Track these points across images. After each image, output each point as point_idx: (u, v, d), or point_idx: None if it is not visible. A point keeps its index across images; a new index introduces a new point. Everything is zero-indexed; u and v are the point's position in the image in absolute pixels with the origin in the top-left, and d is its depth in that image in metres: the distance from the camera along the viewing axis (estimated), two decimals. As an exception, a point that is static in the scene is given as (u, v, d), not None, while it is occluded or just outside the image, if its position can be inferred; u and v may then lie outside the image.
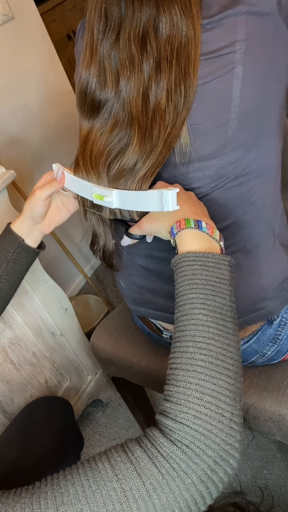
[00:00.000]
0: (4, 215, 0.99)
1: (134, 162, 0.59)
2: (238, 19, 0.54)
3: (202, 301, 0.50)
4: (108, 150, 0.61)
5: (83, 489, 0.41)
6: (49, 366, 1.23)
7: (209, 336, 0.48)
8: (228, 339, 0.48)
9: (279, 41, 0.56)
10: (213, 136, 0.58)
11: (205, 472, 0.42)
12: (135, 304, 0.85)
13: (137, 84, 0.58)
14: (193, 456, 0.42)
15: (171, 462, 0.42)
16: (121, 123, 0.60)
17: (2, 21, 1.46)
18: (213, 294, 0.50)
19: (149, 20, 0.55)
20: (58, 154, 1.82)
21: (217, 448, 0.43)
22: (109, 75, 0.60)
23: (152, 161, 0.59)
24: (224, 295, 0.51)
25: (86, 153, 0.64)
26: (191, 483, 0.41)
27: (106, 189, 0.63)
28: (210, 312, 0.49)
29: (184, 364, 0.47)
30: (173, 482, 0.41)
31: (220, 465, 0.43)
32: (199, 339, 0.48)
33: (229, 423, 0.44)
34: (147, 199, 0.59)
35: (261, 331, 0.75)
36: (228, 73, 0.55)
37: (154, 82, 0.57)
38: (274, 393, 0.78)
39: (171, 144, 0.58)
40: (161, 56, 0.56)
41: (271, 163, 0.64)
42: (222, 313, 0.50)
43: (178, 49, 0.55)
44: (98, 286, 2.04)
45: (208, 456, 0.42)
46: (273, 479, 1.18)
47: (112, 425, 1.47)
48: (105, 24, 0.59)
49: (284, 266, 0.72)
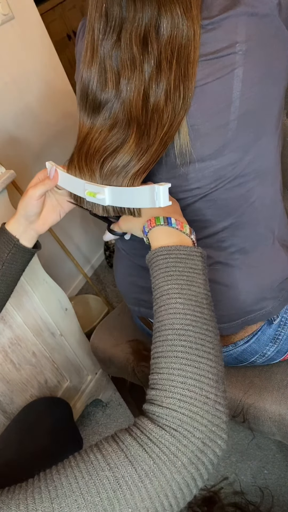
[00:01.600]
0: (4, 215, 0.99)
1: (128, 159, 0.60)
2: (238, 20, 0.54)
3: (177, 291, 0.52)
4: (104, 147, 0.62)
5: (76, 480, 0.42)
6: (49, 366, 1.23)
7: (187, 323, 0.49)
8: (206, 325, 0.50)
9: (279, 43, 0.56)
10: (213, 137, 0.58)
11: (195, 453, 0.43)
12: (135, 304, 0.85)
13: (138, 84, 0.58)
14: (181, 439, 0.43)
15: (161, 446, 0.43)
16: (120, 122, 0.61)
17: (2, 21, 1.46)
18: (188, 284, 0.52)
19: (150, 20, 0.55)
20: (58, 154, 1.82)
21: (204, 430, 0.44)
22: (110, 75, 0.60)
23: (147, 158, 0.59)
24: (198, 284, 0.53)
25: (82, 151, 0.64)
26: (181, 465, 0.42)
27: (99, 186, 0.62)
28: (186, 301, 0.51)
29: (165, 352, 0.48)
30: (164, 466, 0.42)
31: (209, 446, 0.44)
32: (177, 326, 0.49)
33: (214, 405, 0.45)
34: (139, 196, 0.60)
35: (261, 331, 0.75)
36: (228, 74, 0.55)
37: (155, 83, 0.57)
38: (274, 393, 0.78)
39: (166, 143, 0.59)
40: (162, 56, 0.56)
41: (270, 164, 0.64)
42: (197, 301, 0.51)
43: (179, 50, 0.55)
44: (98, 286, 2.04)
45: (196, 437, 0.43)
46: (273, 479, 1.18)
47: (112, 425, 1.47)
48: (106, 24, 0.59)
49: (284, 266, 0.72)
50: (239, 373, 0.83)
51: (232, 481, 1.20)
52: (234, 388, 0.82)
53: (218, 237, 0.68)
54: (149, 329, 0.89)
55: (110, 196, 0.62)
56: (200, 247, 0.57)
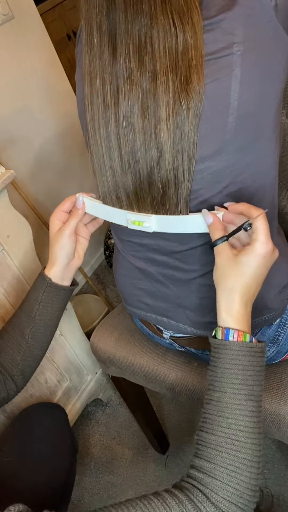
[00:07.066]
0: (4, 215, 0.99)
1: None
2: (236, 21, 0.54)
3: (244, 389, 0.54)
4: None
5: None
6: (49, 366, 1.23)
7: (252, 423, 0.53)
8: (260, 422, 0.54)
9: (276, 44, 0.56)
10: (211, 138, 0.58)
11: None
12: (135, 306, 0.85)
13: (136, 99, 0.58)
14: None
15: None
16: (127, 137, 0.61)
17: (2, 21, 1.46)
18: (253, 382, 0.55)
19: (145, 31, 0.55)
20: (58, 154, 1.82)
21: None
22: (111, 91, 0.60)
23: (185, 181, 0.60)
24: (260, 382, 0.55)
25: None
26: None
27: (144, 215, 0.65)
28: (249, 397, 0.54)
29: (230, 450, 0.52)
30: None
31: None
32: (242, 423, 0.53)
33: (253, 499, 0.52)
34: (188, 222, 0.62)
35: (261, 332, 0.75)
36: (226, 75, 0.55)
37: (152, 96, 0.57)
38: (274, 393, 0.78)
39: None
40: (157, 68, 0.55)
41: (268, 168, 0.64)
42: (258, 400, 0.55)
43: (175, 58, 0.55)
44: (98, 286, 2.04)
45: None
46: (273, 478, 1.18)
47: (112, 424, 1.47)
48: (100, 37, 0.59)
49: (282, 275, 0.72)
50: (239, 373, 0.84)
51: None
52: (234, 388, 0.82)
53: None
54: (149, 329, 0.89)
55: (157, 224, 0.65)
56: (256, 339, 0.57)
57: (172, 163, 0.59)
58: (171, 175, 0.60)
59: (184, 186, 0.60)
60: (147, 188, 0.63)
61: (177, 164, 0.59)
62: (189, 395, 0.89)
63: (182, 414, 1.42)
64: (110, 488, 1.31)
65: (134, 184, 0.64)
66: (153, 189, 0.63)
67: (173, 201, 0.62)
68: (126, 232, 0.74)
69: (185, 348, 0.85)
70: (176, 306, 0.76)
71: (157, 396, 1.48)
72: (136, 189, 0.64)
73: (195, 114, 0.56)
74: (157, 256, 0.73)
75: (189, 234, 0.65)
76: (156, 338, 0.91)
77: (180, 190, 0.61)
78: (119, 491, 1.30)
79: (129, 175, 0.63)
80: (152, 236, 0.69)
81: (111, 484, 1.32)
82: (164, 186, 0.61)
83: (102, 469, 1.37)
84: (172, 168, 0.59)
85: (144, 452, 1.37)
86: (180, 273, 0.72)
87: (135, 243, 0.74)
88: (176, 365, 0.91)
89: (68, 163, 1.88)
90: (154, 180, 0.62)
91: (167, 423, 1.41)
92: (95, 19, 0.58)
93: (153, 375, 0.93)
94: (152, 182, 0.62)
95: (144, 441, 1.38)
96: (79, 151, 1.90)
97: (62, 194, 1.89)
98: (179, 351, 0.92)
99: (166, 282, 0.75)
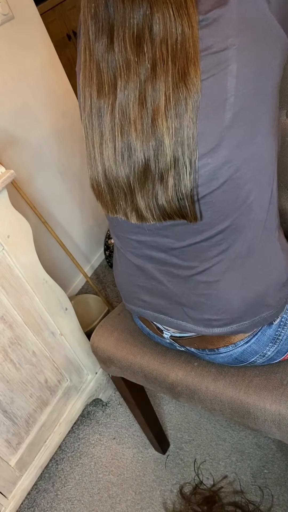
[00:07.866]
0: (4, 215, 0.99)
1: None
2: (230, 15, 0.54)
3: None
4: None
5: None
6: (49, 366, 1.23)
7: None
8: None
9: (271, 37, 0.56)
10: (208, 135, 0.58)
11: None
12: (134, 304, 0.85)
13: (134, 88, 0.57)
14: None
15: None
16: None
17: (2, 21, 1.46)
18: None
19: (143, 20, 0.55)
20: (58, 154, 1.82)
21: None
22: (106, 80, 0.60)
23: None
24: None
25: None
26: None
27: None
28: None
29: None
30: None
31: None
32: None
33: None
34: None
35: (261, 331, 0.75)
36: (222, 71, 0.55)
37: (151, 85, 0.56)
38: (274, 392, 0.78)
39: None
40: (157, 57, 0.55)
41: (267, 163, 0.63)
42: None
43: (174, 49, 0.55)
44: (98, 285, 2.04)
45: None
46: (273, 478, 1.18)
47: (112, 424, 1.47)
48: (96, 26, 0.58)
49: (281, 272, 0.72)
50: (239, 373, 0.84)
51: (232, 481, 1.21)
52: (234, 388, 0.82)
53: (215, 240, 0.67)
54: (149, 329, 0.89)
55: None
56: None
57: (171, 155, 0.58)
58: (171, 168, 0.59)
59: (187, 180, 0.59)
60: (143, 181, 0.62)
61: (177, 157, 0.58)
62: (189, 395, 0.89)
63: (182, 414, 1.42)
64: (110, 488, 1.31)
65: (127, 177, 0.63)
66: (149, 183, 0.62)
67: (171, 194, 0.61)
68: (123, 229, 0.73)
69: (186, 348, 0.85)
70: (174, 303, 0.76)
71: (157, 396, 1.48)
72: (129, 182, 0.63)
73: (193, 107, 0.56)
74: (154, 253, 0.72)
75: (186, 230, 0.65)
76: (156, 338, 0.91)
77: (183, 183, 0.60)
78: (119, 491, 1.30)
79: (125, 167, 0.62)
80: (150, 233, 0.68)
81: (111, 484, 1.32)
82: (162, 180, 0.60)
83: (102, 469, 1.37)
84: (171, 160, 0.58)
85: (144, 452, 1.37)
86: (178, 270, 0.72)
87: (133, 240, 0.73)
88: (176, 365, 0.91)
89: (68, 163, 1.88)
90: (151, 172, 0.61)
91: (167, 423, 1.41)
92: (93, 7, 0.58)
93: (153, 375, 0.93)
94: (148, 176, 0.61)
95: (144, 441, 1.38)
96: (79, 150, 1.91)
97: (62, 194, 1.89)
98: (179, 351, 0.92)
99: (164, 280, 0.75)
